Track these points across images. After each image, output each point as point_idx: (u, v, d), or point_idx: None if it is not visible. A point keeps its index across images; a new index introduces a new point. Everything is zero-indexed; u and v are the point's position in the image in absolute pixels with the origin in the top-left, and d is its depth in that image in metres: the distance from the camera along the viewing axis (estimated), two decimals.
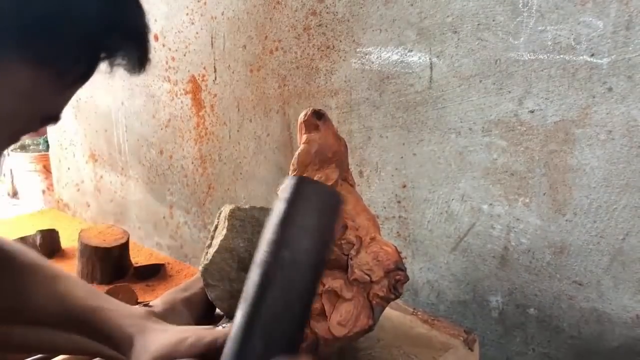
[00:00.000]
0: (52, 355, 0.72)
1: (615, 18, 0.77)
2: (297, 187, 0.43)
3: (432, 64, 0.99)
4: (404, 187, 1.08)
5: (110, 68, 0.46)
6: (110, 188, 1.99)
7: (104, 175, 2.01)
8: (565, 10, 0.81)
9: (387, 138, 1.09)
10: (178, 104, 1.59)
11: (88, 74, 0.45)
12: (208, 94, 1.49)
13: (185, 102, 1.57)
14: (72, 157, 2.18)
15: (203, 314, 0.87)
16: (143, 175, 1.81)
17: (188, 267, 1.69)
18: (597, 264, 0.85)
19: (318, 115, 0.76)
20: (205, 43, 1.45)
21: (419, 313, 0.84)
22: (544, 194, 0.89)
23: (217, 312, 0.89)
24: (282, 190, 0.43)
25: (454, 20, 0.94)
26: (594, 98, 0.81)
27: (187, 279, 1.55)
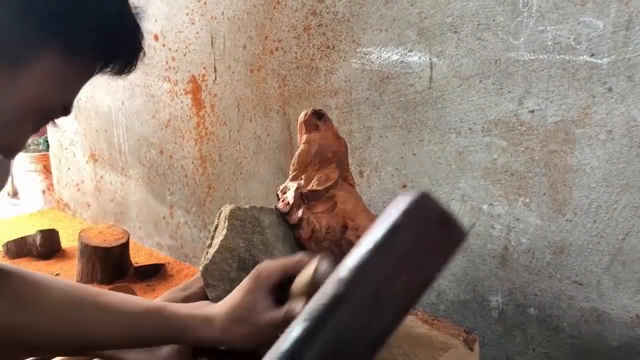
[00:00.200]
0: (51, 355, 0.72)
1: (615, 18, 0.77)
2: (418, 208, 0.34)
3: (432, 64, 0.99)
4: (404, 187, 1.08)
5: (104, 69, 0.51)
6: (111, 188, 1.99)
7: (104, 175, 2.01)
8: (565, 10, 0.81)
9: (387, 138, 1.09)
10: (178, 104, 1.59)
11: (110, 62, 0.51)
12: (208, 94, 1.49)
13: (186, 102, 1.57)
14: (72, 157, 2.18)
15: None
16: (143, 175, 1.81)
17: (188, 267, 1.69)
18: (597, 264, 0.85)
19: (318, 115, 0.76)
20: (206, 43, 1.45)
21: (419, 313, 0.84)
22: (544, 194, 0.89)
23: None
24: (400, 200, 0.35)
25: (454, 20, 0.94)
26: (594, 98, 0.81)
27: (187, 279, 1.55)
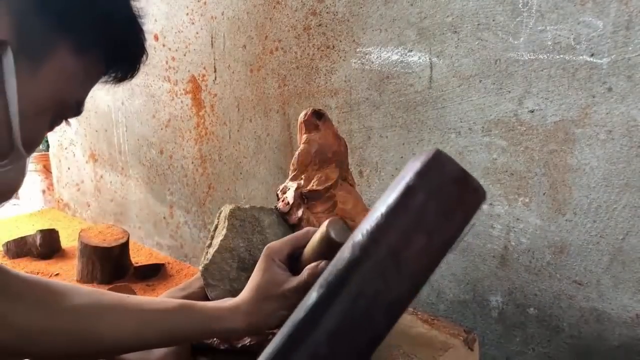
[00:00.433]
0: None
1: (615, 18, 0.77)
2: (432, 167, 0.32)
3: (432, 64, 0.99)
4: None
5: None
6: (111, 188, 1.99)
7: (104, 175, 2.01)
8: (565, 10, 0.81)
9: (387, 138, 1.09)
10: (178, 104, 1.59)
11: (115, 64, 0.52)
12: (208, 94, 1.49)
13: (185, 102, 1.57)
14: (72, 157, 2.18)
15: None
16: (143, 175, 1.81)
17: (188, 266, 1.69)
18: (597, 264, 0.85)
19: (318, 115, 0.76)
20: (205, 43, 1.45)
21: (419, 313, 0.84)
22: (544, 194, 0.89)
23: None
24: (413, 162, 0.33)
25: (454, 20, 0.94)
26: (594, 98, 0.81)
27: (187, 279, 1.55)
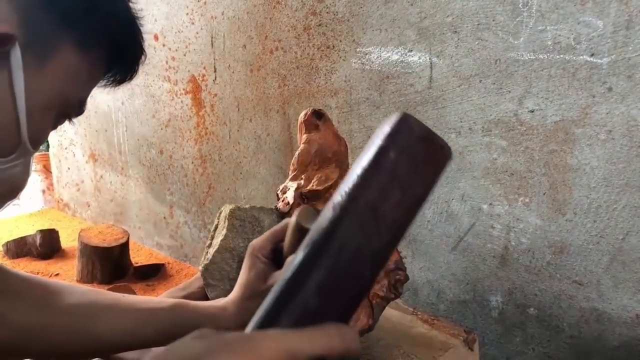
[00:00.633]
0: None
1: (615, 18, 0.77)
2: (400, 128, 0.35)
3: (432, 64, 0.99)
4: None
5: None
6: (110, 188, 1.99)
7: (104, 175, 2.01)
8: (565, 10, 0.81)
9: None
10: (178, 104, 1.59)
11: (115, 66, 0.54)
12: (208, 94, 1.49)
13: (185, 101, 1.57)
14: (72, 157, 2.19)
15: None
16: (143, 175, 1.81)
17: (188, 266, 1.69)
18: (597, 264, 0.85)
19: (318, 115, 0.76)
20: (205, 43, 1.45)
21: (419, 313, 0.84)
22: (544, 194, 0.89)
23: None
24: (382, 127, 0.36)
25: (454, 20, 0.94)
26: (594, 98, 0.81)
27: (187, 279, 1.55)
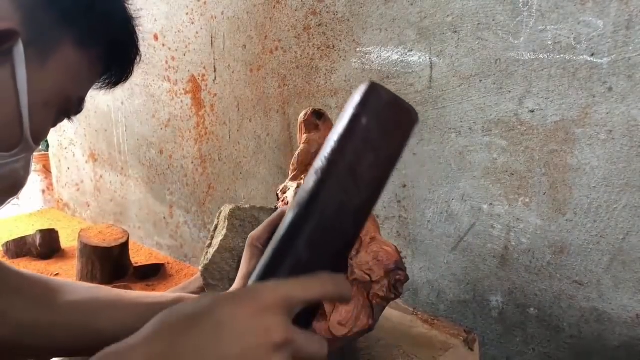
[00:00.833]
0: None
1: (616, 18, 0.77)
2: (371, 94, 0.39)
3: (432, 64, 0.99)
4: (404, 186, 1.08)
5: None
6: (110, 188, 1.99)
7: (104, 175, 2.01)
8: (566, 10, 0.81)
9: None
10: (178, 104, 1.59)
11: (112, 65, 0.55)
12: (208, 94, 1.49)
13: (185, 101, 1.56)
14: (72, 156, 2.18)
15: None
16: (143, 175, 1.81)
17: (188, 266, 1.69)
18: (597, 264, 0.85)
19: (318, 115, 0.76)
20: (205, 43, 1.45)
21: (419, 313, 0.84)
22: (544, 194, 0.89)
23: None
24: (353, 96, 0.40)
25: (454, 20, 0.94)
26: (594, 98, 0.81)
27: (186, 279, 1.55)
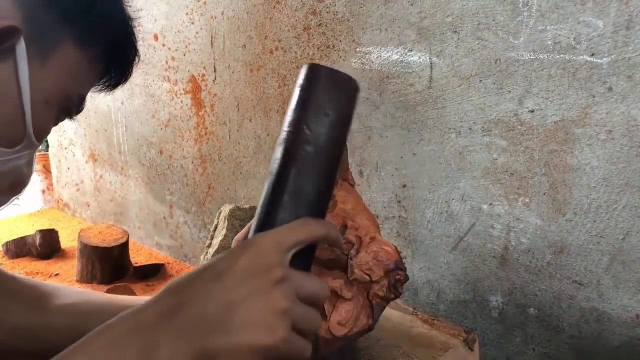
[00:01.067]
0: None
1: (616, 18, 0.77)
2: (312, 72, 0.44)
3: (432, 64, 0.99)
4: (404, 186, 1.08)
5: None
6: (110, 188, 1.99)
7: (104, 175, 2.01)
8: (565, 10, 0.81)
9: (387, 138, 1.09)
10: (178, 104, 1.59)
11: (112, 66, 0.55)
12: (208, 94, 1.49)
13: (185, 101, 1.56)
14: (71, 156, 2.18)
15: None
16: (143, 175, 1.81)
17: (188, 266, 1.69)
18: (597, 264, 0.85)
19: None
20: (205, 43, 1.45)
21: (419, 313, 0.84)
22: (544, 194, 0.89)
23: None
24: (299, 76, 0.45)
25: (454, 20, 0.94)
26: (594, 98, 0.81)
27: None
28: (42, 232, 1.75)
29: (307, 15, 1.18)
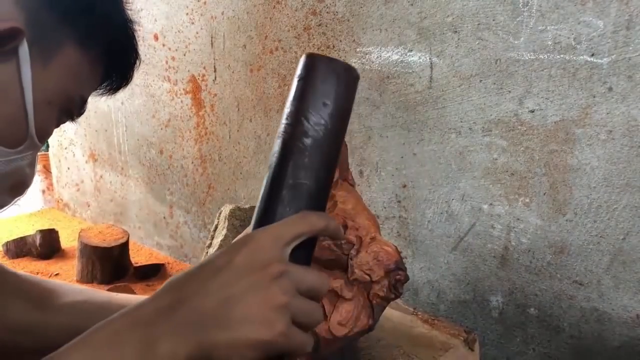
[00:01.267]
0: None
1: (616, 18, 0.77)
2: (310, 61, 0.43)
3: (432, 64, 0.99)
4: (404, 187, 1.08)
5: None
6: (110, 188, 1.99)
7: (104, 175, 2.01)
8: (566, 10, 0.81)
9: (387, 138, 1.09)
10: (178, 104, 1.59)
11: (113, 69, 0.55)
12: (208, 94, 1.49)
13: (185, 101, 1.56)
14: (72, 157, 2.18)
15: None
16: (143, 175, 1.81)
17: (188, 266, 1.69)
18: (597, 264, 0.85)
19: None
20: (205, 43, 1.45)
21: (419, 313, 0.83)
22: (544, 194, 0.89)
23: None
24: (297, 67, 0.44)
25: (454, 20, 0.94)
26: (594, 98, 0.81)
27: None
28: (42, 232, 1.75)
29: (307, 16, 1.18)
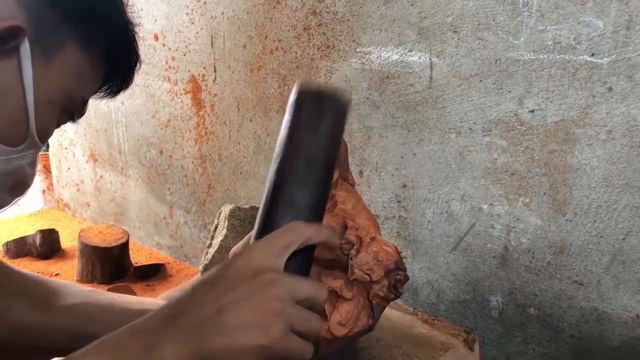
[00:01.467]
0: None
1: (616, 18, 0.77)
2: (300, 95, 0.46)
3: (432, 64, 0.99)
4: (404, 187, 1.08)
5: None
6: (110, 188, 1.99)
7: (104, 175, 2.01)
8: (566, 10, 0.81)
9: (387, 138, 1.09)
10: (178, 104, 1.59)
11: (113, 70, 0.55)
12: (208, 94, 1.49)
13: (185, 101, 1.57)
14: (72, 156, 2.18)
15: None
16: (143, 175, 1.81)
17: (188, 267, 1.69)
18: (597, 264, 0.85)
19: None
20: (205, 43, 1.45)
21: (419, 313, 0.83)
22: (544, 194, 0.89)
23: None
24: (290, 96, 0.47)
25: (454, 20, 0.94)
26: (594, 98, 0.81)
27: (187, 279, 1.55)
28: (42, 232, 1.75)
29: (307, 16, 1.18)
